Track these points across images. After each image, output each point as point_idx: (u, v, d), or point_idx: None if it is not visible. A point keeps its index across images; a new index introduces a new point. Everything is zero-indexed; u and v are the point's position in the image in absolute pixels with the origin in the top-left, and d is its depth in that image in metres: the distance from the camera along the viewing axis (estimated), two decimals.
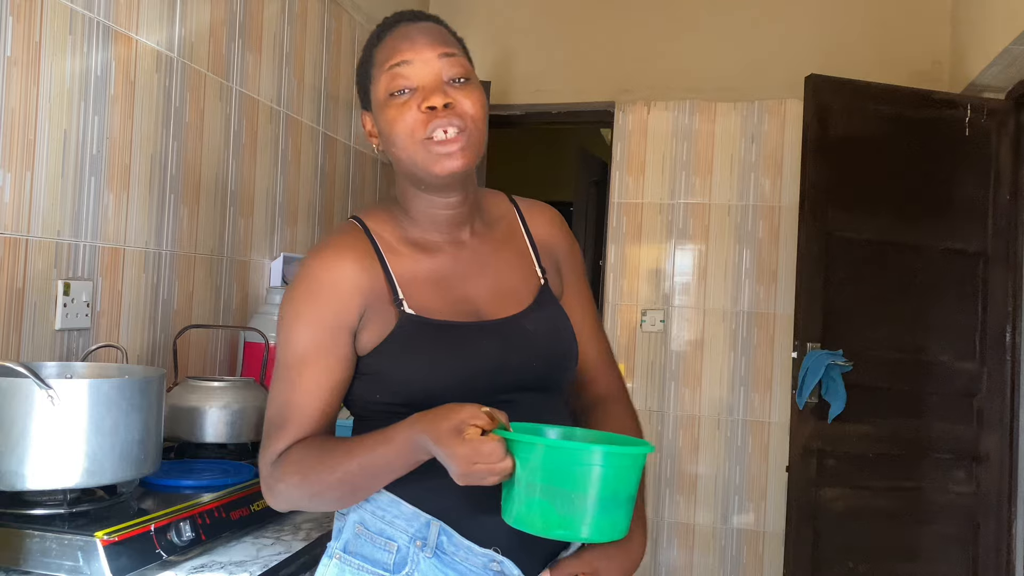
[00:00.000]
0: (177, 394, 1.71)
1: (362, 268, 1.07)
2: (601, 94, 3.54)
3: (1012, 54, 2.66)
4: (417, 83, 1.05)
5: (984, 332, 2.99)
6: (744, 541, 3.37)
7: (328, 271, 1.06)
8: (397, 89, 1.05)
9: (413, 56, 1.05)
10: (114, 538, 1.15)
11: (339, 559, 1.08)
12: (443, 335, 1.06)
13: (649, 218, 3.51)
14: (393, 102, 1.05)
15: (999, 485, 2.96)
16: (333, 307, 1.05)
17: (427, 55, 1.05)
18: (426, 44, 1.06)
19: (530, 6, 3.58)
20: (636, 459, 0.93)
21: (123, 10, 1.78)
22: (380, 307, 1.07)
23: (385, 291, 1.07)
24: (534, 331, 1.11)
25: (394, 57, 1.06)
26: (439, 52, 1.06)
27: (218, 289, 2.18)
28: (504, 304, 1.12)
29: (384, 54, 1.07)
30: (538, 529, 0.92)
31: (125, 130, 1.81)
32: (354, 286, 1.06)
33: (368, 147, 3.11)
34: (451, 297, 1.10)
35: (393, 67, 1.05)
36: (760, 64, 3.39)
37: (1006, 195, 3.01)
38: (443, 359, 1.05)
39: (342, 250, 1.08)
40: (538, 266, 1.18)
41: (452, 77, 1.06)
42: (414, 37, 1.06)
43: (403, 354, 1.05)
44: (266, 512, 1.46)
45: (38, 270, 1.58)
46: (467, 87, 1.06)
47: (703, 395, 3.44)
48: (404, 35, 1.07)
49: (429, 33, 1.08)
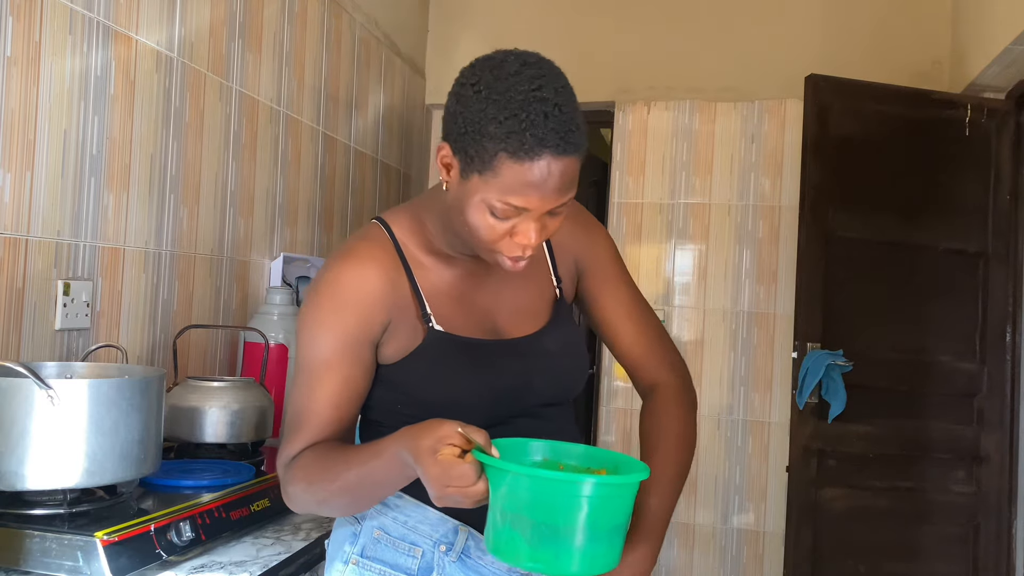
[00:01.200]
0: (177, 394, 1.71)
1: (388, 280, 1.05)
2: (601, 94, 3.53)
3: (1012, 54, 2.66)
4: (523, 216, 0.97)
5: (984, 332, 2.99)
6: (744, 541, 3.37)
7: (353, 280, 1.04)
8: (503, 216, 0.97)
9: (537, 206, 0.96)
10: (114, 538, 1.15)
11: (356, 564, 1.08)
12: (469, 353, 1.06)
13: (649, 218, 3.51)
14: (489, 216, 0.97)
15: (999, 485, 2.96)
16: (357, 318, 1.03)
17: (547, 207, 0.96)
18: (554, 198, 0.96)
19: (530, 6, 3.57)
20: (626, 488, 0.84)
21: (123, 10, 1.78)
22: (405, 320, 1.06)
23: (411, 305, 1.06)
24: (554, 351, 1.12)
25: (517, 198, 0.95)
26: (560, 202, 0.97)
27: (218, 289, 2.18)
28: (522, 320, 1.12)
29: (510, 181, 0.94)
30: (522, 562, 0.84)
31: (125, 130, 1.81)
32: (380, 299, 1.04)
33: (368, 147, 3.11)
34: (472, 312, 1.10)
35: (509, 204, 0.95)
36: (760, 64, 3.39)
37: (1006, 195, 3.01)
38: (468, 377, 1.05)
39: (368, 260, 1.06)
40: (554, 275, 1.18)
41: (555, 210, 0.99)
42: (548, 187, 0.94)
43: (430, 370, 1.05)
44: (266, 512, 1.46)
45: (38, 270, 1.58)
46: (557, 216, 1.00)
47: (703, 395, 3.44)
48: (539, 181, 0.93)
49: (562, 181, 0.95)
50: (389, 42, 3.25)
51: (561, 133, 0.92)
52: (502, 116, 0.92)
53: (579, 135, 0.95)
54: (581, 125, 0.96)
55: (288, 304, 2.23)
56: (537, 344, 1.11)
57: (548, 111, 0.92)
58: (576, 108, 0.97)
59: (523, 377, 1.08)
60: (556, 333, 1.14)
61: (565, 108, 0.94)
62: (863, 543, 2.90)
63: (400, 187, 3.46)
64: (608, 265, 1.20)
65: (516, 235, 0.98)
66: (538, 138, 0.91)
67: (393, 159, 3.37)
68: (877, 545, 2.91)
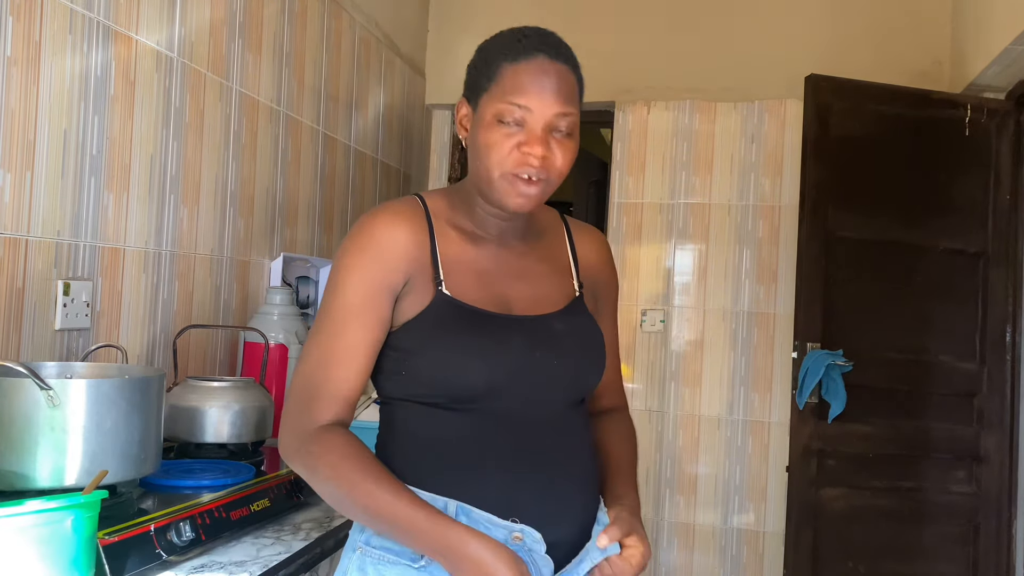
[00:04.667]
0: (177, 394, 1.71)
1: (414, 237, 1.12)
2: (601, 94, 3.53)
3: (1012, 54, 2.66)
4: (527, 123, 1.08)
5: (984, 332, 2.99)
6: (744, 541, 3.37)
7: (383, 230, 1.11)
8: (508, 119, 1.08)
9: (537, 106, 1.07)
10: (114, 538, 1.15)
11: (361, 551, 1.10)
12: (473, 320, 1.10)
13: (649, 218, 3.51)
14: (498, 128, 1.08)
15: (999, 485, 2.96)
16: (383, 265, 1.09)
17: (548, 111, 1.08)
18: (552, 99, 1.08)
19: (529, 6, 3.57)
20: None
21: (123, 10, 1.78)
22: (421, 281, 1.11)
23: (428, 268, 1.12)
24: (561, 331, 1.15)
25: (519, 96, 1.07)
26: (559, 111, 1.08)
27: (218, 289, 2.18)
28: (537, 306, 1.16)
29: (511, 81, 1.08)
30: None
31: (125, 130, 1.81)
32: (405, 251, 1.11)
33: (368, 147, 3.11)
34: (488, 290, 1.14)
35: (513, 103, 1.07)
36: (760, 64, 3.39)
37: (1006, 195, 3.01)
38: (469, 342, 1.08)
39: (399, 216, 1.13)
40: (576, 279, 1.23)
41: (559, 128, 1.09)
42: (545, 86, 1.08)
43: (432, 332, 1.09)
44: (266, 512, 1.46)
45: (38, 270, 1.58)
46: (567, 141, 1.11)
47: (703, 395, 3.44)
48: (537, 77, 1.08)
49: (560, 85, 1.09)
50: (389, 42, 3.25)
51: (553, 44, 1.11)
52: (502, 41, 1.13)
53: (570, 52, 1.12)
54: (573, 53, 1.13)
55: (288, 304, 2.23)
56: (545, 323, 1.14)
57: (540, 32, 1.13)
58: (570, 48, 1.14)
59: (524, 349, 1.10)
60: (567, 317, 1.17)
61: (558, 37, 1.14)
62: (863, 543, 2.90)
63: (400, 187, 3.46)
64: (611, 301, 1.33)
65: (524, 145, 1.07)
66: (533, 43, 1.10)
67: (393, 159, 3.37)
68: (877, 545, 2.91)
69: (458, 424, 1.08)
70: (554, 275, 1.21)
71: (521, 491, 1.07)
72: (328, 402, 1.07)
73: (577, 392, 1.17)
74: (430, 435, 1.09)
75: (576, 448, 1.15)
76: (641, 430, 3.51)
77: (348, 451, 1.04)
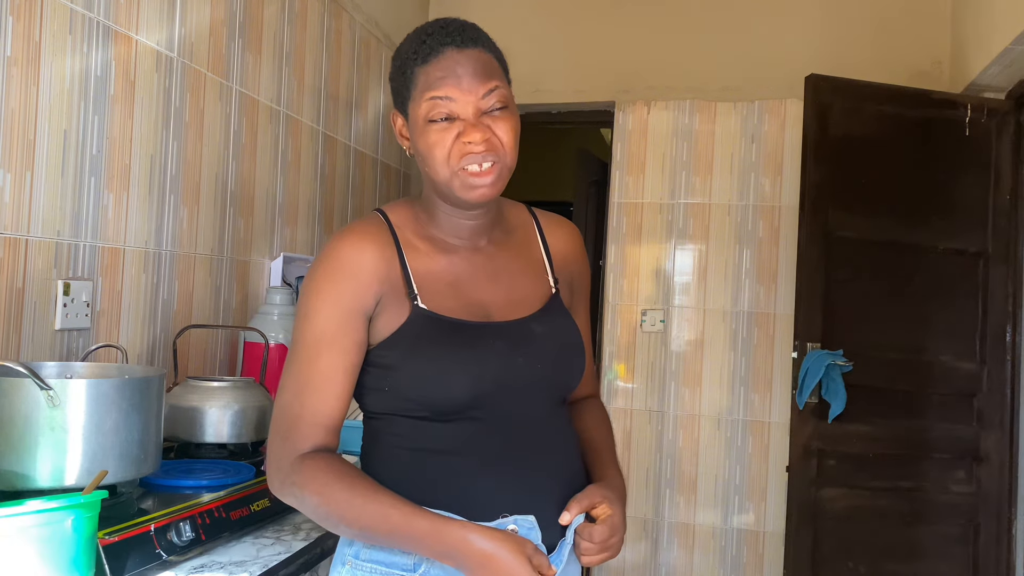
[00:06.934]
0: (177, 394, 1.71)
1: (382, 256, 1.10)
2: (601, 94, 3.54)
3: (1012, 54, 2.66)
4: (457, 114, 1.07)
5: (984, 332, 2.99)
6: (744, 541, 3.37)
7: (350, 253, 1.09)
8: (437, 116, 1.07)
9: (457, 95, 1.06)
10: (114, 538, 1.15)
11: (351, 565, 1.09)
12: (453, 332, 1.09)
13: (649, 218, 3.51)
14: (432, 128, 1.07)
15: (999, 485, 2.96)
16: (352, 288, 1.08)
17: (470, 96, 1.06)
18: (471, 84, 1.07)
19: (529, 5, 3.58)
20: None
21: (123, 10, 1.78)
22: (395, 298, 1.10)
23: (400, 284, 1.10)
24: (540, 334, 1.14)
25: (438, 89, 1.06)
26: (483, 91, 1.07)
27: (218, 289, 2.18)
28: (515, 309, 1.15)
29: (427, 80, 1.07)
30: None
31: (125, 130, 1.81)
32: (373, 271, 1.09)
33: (368, 147, 3.11)
34: (464, 298, 1.12)
35: (435, 98, 1.06)
36: (760, 64, 3.39)
37: (1006, 195, 3.01)
38: (450, 355, 1.07)
39: (365, 237, 1.12)
40: (551, 276, 1.21)
41: (491, 108, 1.08)
42: (460, 74, 1.06)
43: (413, 348, 1.07)
44: (266, 512, 1.46)
45: (38, 270, 1.58)
46: (504, 115, 1.09)
47: (703, 395, 3.44)
48: (450, 68, 1.07)
49: (475, 67, 1.07)
50: (389, 42, 3.25)
51: (457, 31, 1.09)
52: (409, 46, 1.11)
53: (476, 31, 1.10)
54: (480, 31, 1.11)
55: (288, 304, 2.23)
56: (525, 327, 1.13)
57: (443, 24, 1.10)
58: (476, 26, 1.12)
59: (506, 356, 1.09)
60: (546, 318, 1.16)
61: (460, 21, 1.11)
62: (863, 543, 2.90)
63: (400, 187, 3.46)
64: (584, 291, 1.31)
65: (462, 136, 1.06)
66: (437, 40, 1.08)
67: (393, 159, 3.37)
68: (877, 545, 2.91)
69: (443, 434, 1.08)
70: (528, 273, 1.20)
71: (509, 494, 1.07)
72: (307, 431, 1.06)
73: (559, 393, 1.17)
74: (416, 446, 1.08)
75: (561, 447, 1.15)
76: (641, 430, 3.53)
77: (331, 475, 1.02)
